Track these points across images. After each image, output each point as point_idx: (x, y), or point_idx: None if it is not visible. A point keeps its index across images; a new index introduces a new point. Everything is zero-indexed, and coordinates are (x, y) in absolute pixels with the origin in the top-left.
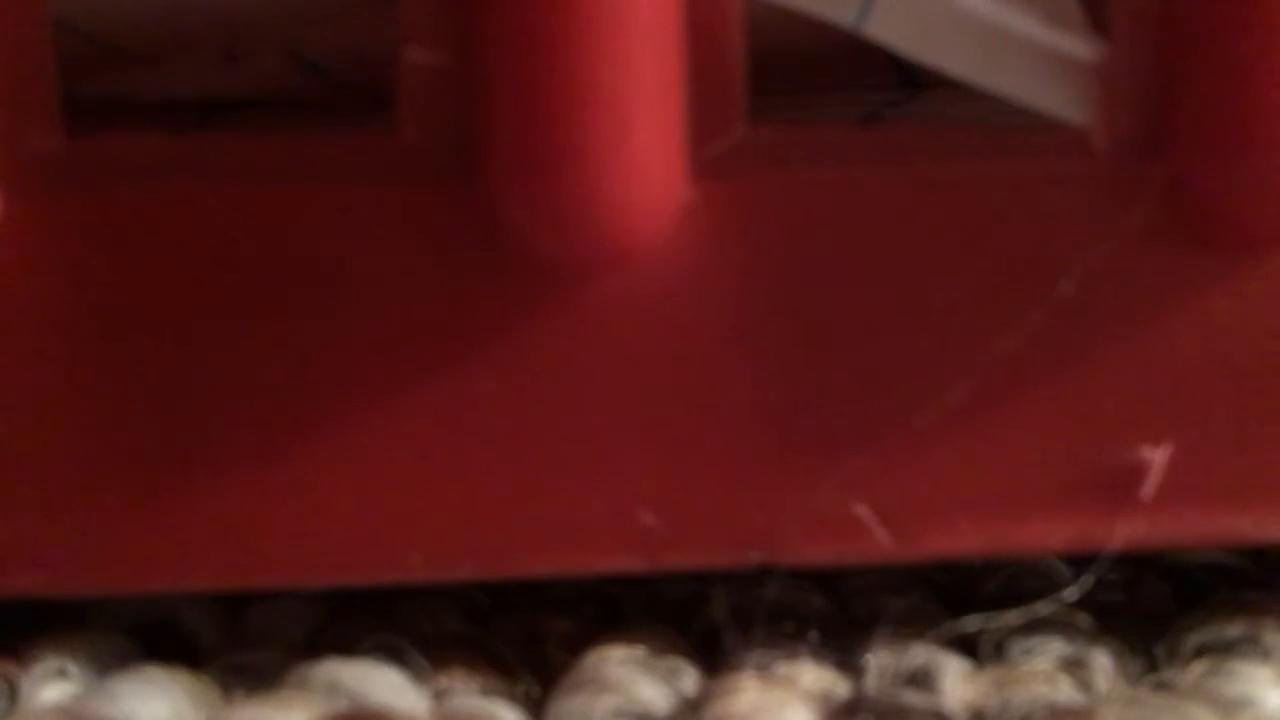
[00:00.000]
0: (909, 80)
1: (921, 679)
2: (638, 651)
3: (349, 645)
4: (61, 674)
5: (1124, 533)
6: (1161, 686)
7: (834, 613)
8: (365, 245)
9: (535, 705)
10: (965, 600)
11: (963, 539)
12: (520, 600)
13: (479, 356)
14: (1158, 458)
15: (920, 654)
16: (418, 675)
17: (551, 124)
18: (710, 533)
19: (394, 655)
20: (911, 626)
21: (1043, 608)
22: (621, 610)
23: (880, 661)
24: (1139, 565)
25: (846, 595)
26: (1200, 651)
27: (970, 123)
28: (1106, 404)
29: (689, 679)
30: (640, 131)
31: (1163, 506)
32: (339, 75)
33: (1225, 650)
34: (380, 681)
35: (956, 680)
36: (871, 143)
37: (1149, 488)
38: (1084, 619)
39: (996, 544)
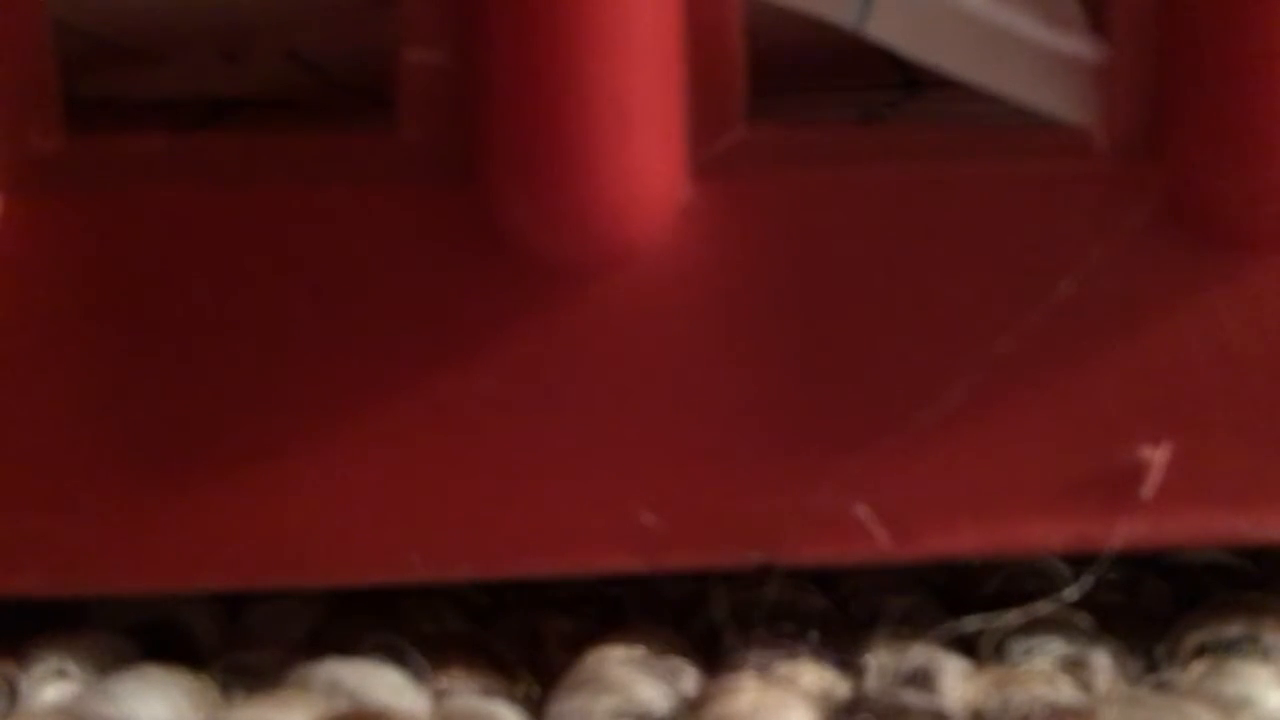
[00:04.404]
0: (909, 80)
1: (921, 679)
2: (638, 651)
3: (349, 645)
4: (61, 674)
5: (1124, 533)
6: (1161, 686)
7: (834, 613)
8: (365, 245)
9: (535, 705)
10: (965, 600)
11: (963, 539)
12: (520, 600)
13: (479, 356)
14: (1158, 458)
15: (920, 654)
16: (418, 675)
17: (551, 124)
18: (710, 533)
19: (394, 655)
20: (911, 626)
21: (1043, 608)
22: (621, 610)
23: (880, 661)
24: (1139, 565)
25: (846, 595)
26: (1200, 651)
27: (970, 123)
28: (1106, 404)
29: (689, 679)
30: (640, 131)
31: (1163, 506)
32: (339, 75)
33: (1225, 650)
34: (380, 681)
35: (956, 680)
36: (871, 143)
37: (1149, 488)
38: (1084, 619)
39: (996, 544)
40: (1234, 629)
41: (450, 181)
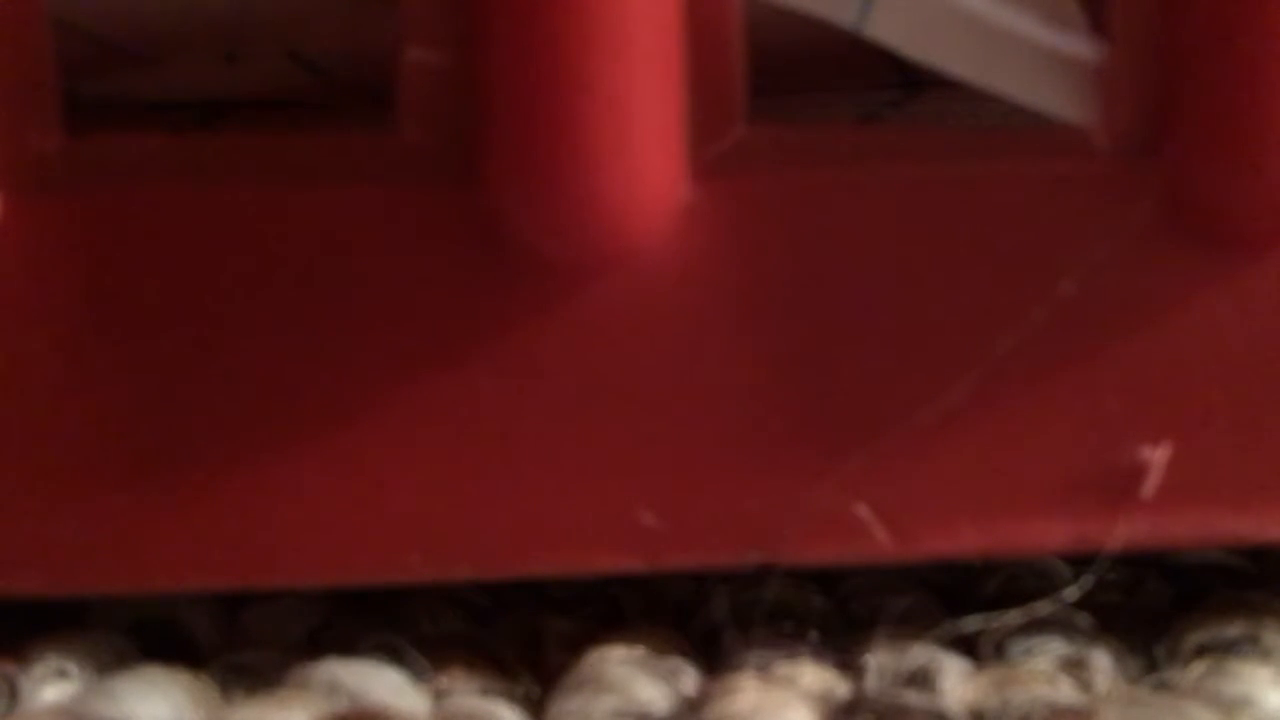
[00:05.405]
0: (909, 80)
1: (921, 679)
2: (638, 651)
3: (349, 645)
4: (61, 674)
5: (1124, 533)
6: (1161, 686)
7: (834, 613)
8: (366, 245)
9: (535, 705)
10: (965, 600)
11: (963, 539)
12: (520, 600)
13: (479, 356)
14: (1158, 458)
15: (920, 654)
16: (418, 675)
17: (551, 124)
18: (710, 533)
19: (394, 655)
20: (911, 626)
21: (1043, 608)
22: (621, 610)
23: (880, 661)
24: (1139, 565)
25: (846, 595)
26: (1200, 651)
27: (970, 123)
28: (1106, 404)
29: (689, 679)
30: (640, 131)
31: (1163, 506)
32: (339, 75)
33: (1225, 650)
34: (380, 681)
35: (956, 680)
36: (871, 143)
37: (1149, 488)
38: (1084, 619)
39: (996, 544)
40: (1234, 629)
41: (450, 182)
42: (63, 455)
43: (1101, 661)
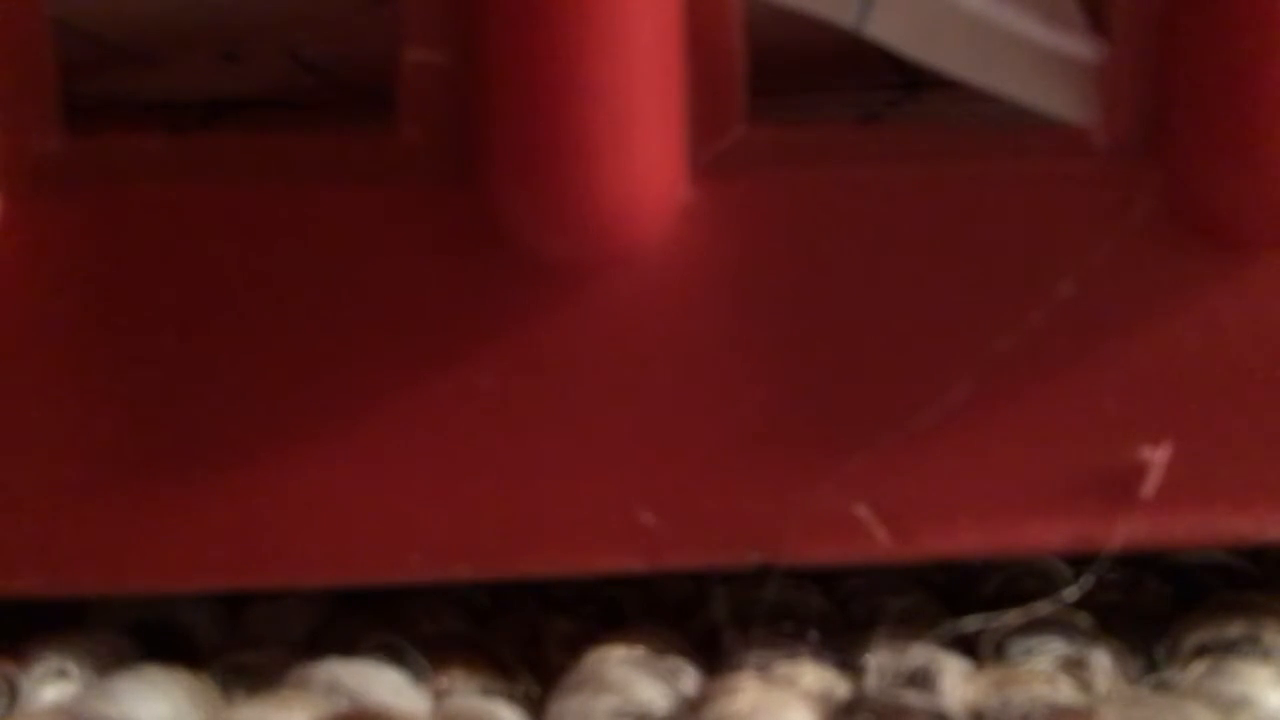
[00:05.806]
0: (909, 80)
1: (921, 679)
2: (638, 651)
3: (349, 645)
4: (61, 674)
5: (1124, 533)
6: (1161, 686)
7: (834, 613)
8: (365, 245)
9: (535, 705)
10: (965, 600)
11: (963, 539)
12: (520, 600)
13: (479, 356)
14: (1158, 458)
15: (920, 654)
16: (418, 675)
17: (551, 124)
18: (710, 533)
19: (394, 655)
20: (911, 626)
21: (1043, 608)
22: (621, 610)
23: (880, 661)
24: (1139, 565)
25: (846, 595)
26: (1200, 651)
27: (970, 123)
28: (1106, 404)
29: (689, 679)
30: (640, 131)
31: (1163, 506)
32: (339, 75)
33: (1225, 650)
34: (380, 681)
35: (956, 680)
36: (871, 143)
37: (1149, 488)
38: (1084, 619)
39: (996, 544)
40: (1234, 629)
41: (450, 181)
42: (63, 455)
43: (1101, 661)
